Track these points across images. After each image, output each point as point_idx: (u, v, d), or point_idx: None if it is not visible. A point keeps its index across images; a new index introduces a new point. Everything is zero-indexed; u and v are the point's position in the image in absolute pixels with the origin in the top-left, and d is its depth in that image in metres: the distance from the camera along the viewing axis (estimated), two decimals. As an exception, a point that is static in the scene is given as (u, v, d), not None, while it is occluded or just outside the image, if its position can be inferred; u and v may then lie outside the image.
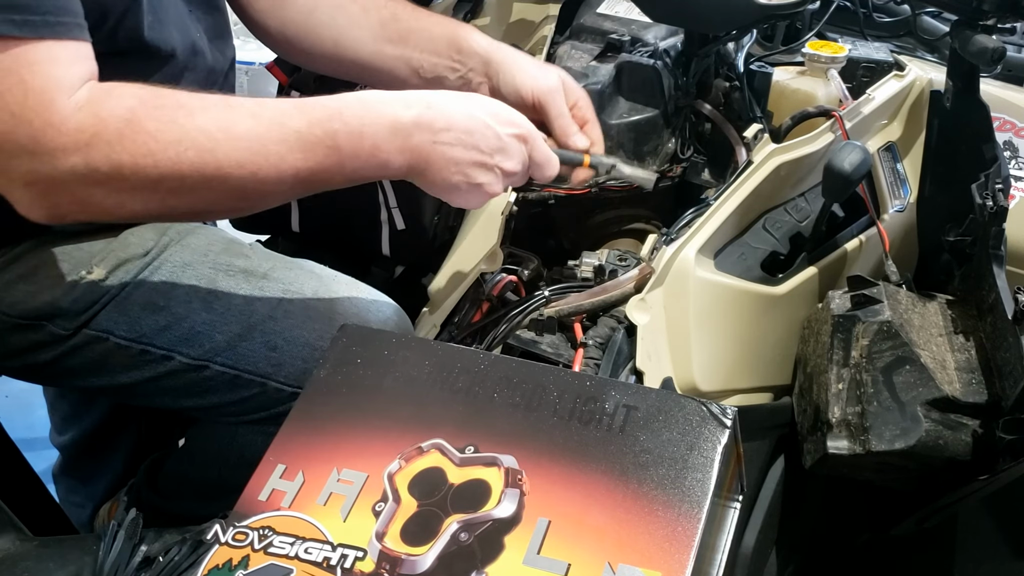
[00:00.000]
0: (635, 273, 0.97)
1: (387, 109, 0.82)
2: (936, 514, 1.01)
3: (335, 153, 0.80)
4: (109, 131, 0.75)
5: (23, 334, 0.95)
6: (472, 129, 0.83)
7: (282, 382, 0.98)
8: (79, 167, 0.74)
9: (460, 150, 0.83)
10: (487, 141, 0.84)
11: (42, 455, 1.42)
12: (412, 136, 0.82)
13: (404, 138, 0.82)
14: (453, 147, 0.83)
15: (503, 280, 1.02)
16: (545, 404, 0.71)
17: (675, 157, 1.21)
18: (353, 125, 0.80)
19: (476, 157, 0.84)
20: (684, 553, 0.62)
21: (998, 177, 1.00)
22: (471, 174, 0.84)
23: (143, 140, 0.76)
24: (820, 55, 1.23)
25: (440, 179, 0.84)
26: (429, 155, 0.83)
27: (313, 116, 0.80)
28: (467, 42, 1.04)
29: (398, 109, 0.82)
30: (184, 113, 0.78)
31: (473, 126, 0.83)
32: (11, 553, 0.76)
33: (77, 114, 0.75)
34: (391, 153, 0.81)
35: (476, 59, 1.04)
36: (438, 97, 0.84)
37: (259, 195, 0.81)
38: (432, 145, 0.82)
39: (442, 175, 0.84)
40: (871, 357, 0.94)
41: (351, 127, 0.80)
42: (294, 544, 0.65)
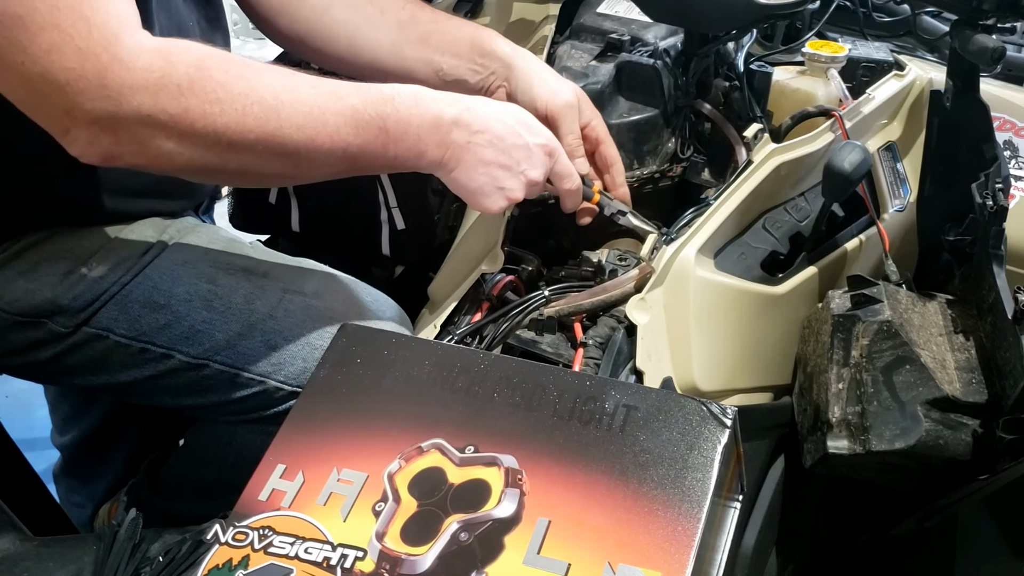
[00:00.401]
0: (635, 273, 0.97)
1: (433, 104, 0.87)
2: (936, 514, 1.01)
3: (383, 135, 0.84)
4: (179, 74, 0.76)
5: (23, 332, 0.95)
6: (505, 135, 0.89)
7: (282, 381, 0.98)
8: (146, 107, 0.75)
9: (491, 152, 0.88)
10: (517, 149, 0.89)
11: (42, 455, 1.42)
12: (451, 133, 0.87)
13: (444, 134, 0.87)
14: (485, 149, 0.88)
15: (503, 280, 1.02)
16: (545, 404, 0.71)
17: (675, 157, 1.21)
18: (403, 112, 0.85)
19: (504, 161, 0.89)
20: (684, 553, 0.62)
21: (998, 177, 1.00)
22: (497, 176, 0.89)
23: (212, 88, 0.77)
24: (820, 55, 1.23)
25: (468, 177, 0.89)
26: (463, 153, 0.88)
27: (368, 97, 0.84)
28: (490, 45, 1.05)
29: (442, 106, 0.87)
30: (251, 71, 0.80)
31: (506, 133, 0.89)
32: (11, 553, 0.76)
33: (144, 54, 0.75)
34: (430, 146, 0.86)
35: (498, 63, 1.04)
36: (477, 102, 0.90)
37: (309, 163, 0.83)
38: (467, 144, 0.87)
39: (470, 174, 0.89)
40: (871, 357, 0.94)
41: (400, 114, 0.84)
42: (294, 544, 0.65)
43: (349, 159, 0.84)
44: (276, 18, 1.09)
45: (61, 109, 0.75)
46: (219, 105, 0.77)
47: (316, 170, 0.85)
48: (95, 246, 0.97)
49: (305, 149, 0.81)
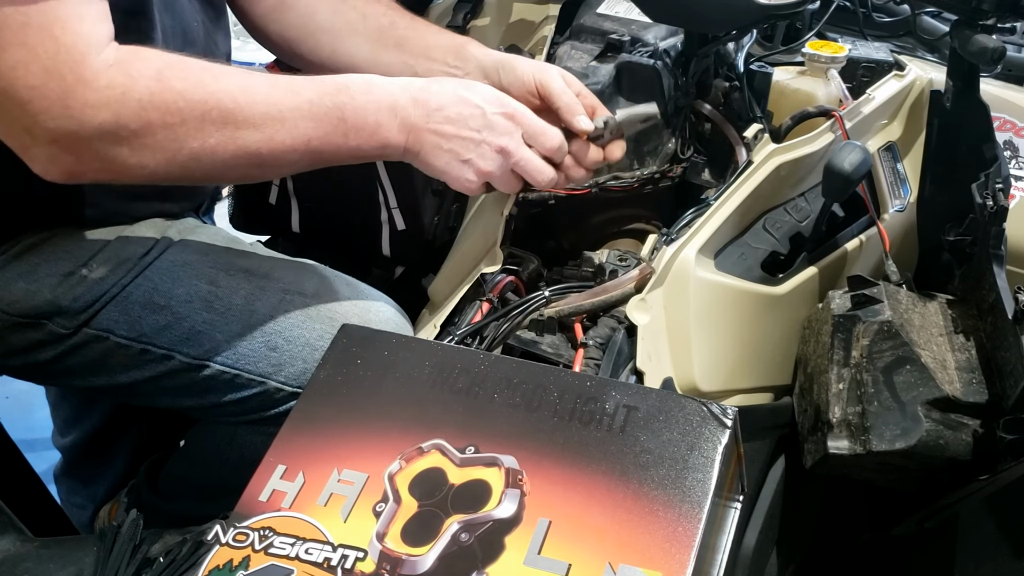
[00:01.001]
0: (635, 273, 0.97)
1: (387, 89, 0.87)
2: (937, 514, 1.01)
3: (342, 125, 0.84)
4: (139, 89, 0.77)
5: (23, 333, 0.95)
6: (461, 109, 0.89)
7: (282, 382, 0.98)
8: (108, 124, 0.75)
9: (451, 128, 0.88)
10: (475, 118, 0.89)
11: (43, 456, 1.42)
12: (409, 116, 0.87)
13: (403, 117, 0.87)
14: (444, 125, 0.88)
15: (503, 280, 1.02)
16: (545, 404, 0.71)
17: (675, 157, 1.20)
18: (359, 101, 0.85)
19: (464, 134, 0.89)
20: (685, 553, 0.62)
21: (998, 177, 1.00)
22: (460, 151, 0.89)
23: (172, 99, 0.78)
24: (820, 55, 1.23)
25: (434, 156, 0.90)
26: (423, 135, 0.88)
27: (323, 88, 0.85)
28: (466, 49, 1.06)
29: (396, 89, 0.88)
30: (209, 76, 0.81)
31: (462, 107, 0.89)
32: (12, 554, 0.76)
33: (108, 71, 0.76)
34: (391, 131, 0.87)
35: (473, 64, 1.05)
36: (431, 82, 0.90)
37: (273, 161, 0.84)
38: (426, 125, 0.88)
39: (436, 152, 0.89)
40: (871, 357, 0.94)
41: (357, 102, 0.85)
42: (295, 545, 0.65)
43: (312, 153, 0.85)
44: (266, 24, 1.10)
45: (21, 127, 0.76)
46: (179, 115, 0.78)
47: (279, 167, 0.87)
48: (95, 247, 0.97)
49: (266, 148, 0.82)
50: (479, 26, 1.42)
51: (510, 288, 1.02)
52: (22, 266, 0.95)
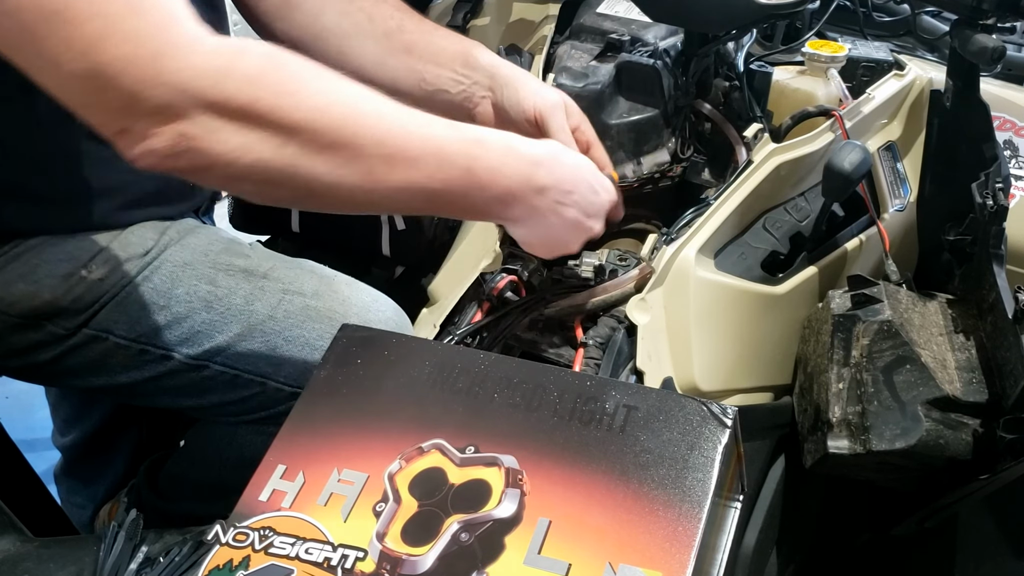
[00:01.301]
0: (635, 273, 0.97)
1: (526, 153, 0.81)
2: (937, 514, 1.01)
3: (467, 177, 0.77)
4: (248, 63, 0.68)
5: (23, 334, 0.95)
6: (586, 193, 0.86)
7: (282, 382, 0.98)
8: (210, 94, 0.67)
9: (574, 212, 0.85)
10: (593, 206, 0.87)
11: (43, 456, 1.42)
12: (543, 192, 0.82)
13: (535, 192, 0.82)
14: (570, 209, 0.84)
15: (503, 280, 1.02)
16: (545, 404, 0.71)
17: (675, 157, 1.21)
18: (493, 158, 0.79)
19: (582, 220, 0.86)
20: (685, 553, 0.62)
21: (998, 176, 1.00)
22: (570, 237, 0.87)
23: (287, 78, 0.70)
24: (820, 54, 1.23)
25: (542, 234, 0.86)
26: (547, 213, 0.83)
27: (461, 133, 0.77)
28: (473, 56, 1.03)
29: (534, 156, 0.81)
30: (329, 72, 0.73)
31: (586, 191, 0.86)
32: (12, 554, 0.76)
33: (207, 40, 0.68)
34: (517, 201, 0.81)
35: (481, 73, 1.03)
36: (561, 152, 0.85)
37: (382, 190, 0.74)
38: (554, 204, 0.83)
39: (549, 232, 0.85)
40: (871, 356, 0.94)
41: (491, 159, 0.78)
42: (295, 544, 0.65)
43: (424, 195, 0.76)
44: (272, 23, 1.08)
45: (117, 104, 0.67)
46: (293, 98, 0.69)
47: (388, 198, 0.76)
48: (95, 248, 0.97)
49: (381, 170, 0.73)
50: (479, 26, 1.42)
51: (510, 288, 1.02)
52: (22, 267, 0.95)
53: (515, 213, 0.82)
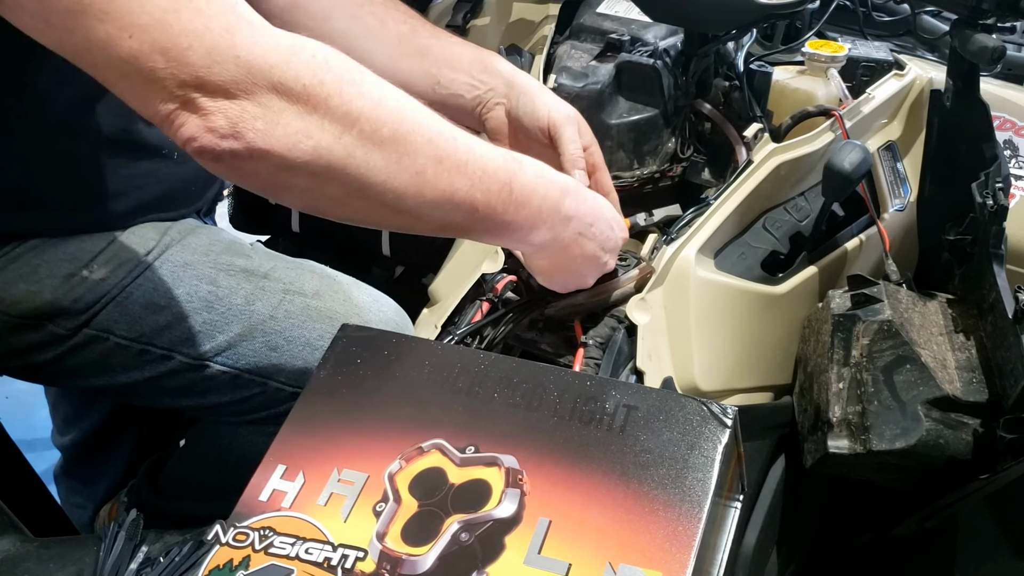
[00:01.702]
0: (635, 273, 0.97)
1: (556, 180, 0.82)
2: (937, 514, 1.01)
3: (506, 192, 0.77)
4: (313, 49, 0.68)
5: (23, 334, 0.95)
6: (605, 228, 0.87)
7: (283, 382, 0.98)
8: (278, 72, 0.65)
9: (593, 246, 0.86)
10: (610, 242, 0.88)
11: (43, 456, 1.42)
12: (569, 221, 0.83)
13: (562, 217, 0.82)
14: (590, 242, 0.85)
15: (503, 280, 1.02)
16: (545, 404, 0.71)
17: (675, 157, 1.20)
18: (529, 177, 0.79)
19: (600, 255, 0.87)
20: (685, 553, 0.62)
21: (998, 176, 1.00)
22: (587, 271, 0.89)
23: (349, 69, 0.70)
24: (820, 54, 1.23)
25: (560, 266, 0.87)
26: (569, 244, 0.84)
27: (499, 149, 0.78)
28: (491, 63, 1.03)
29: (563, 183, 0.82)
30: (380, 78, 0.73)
31: (605, 226, 0.87)
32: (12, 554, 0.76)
33: (271, 27, 0.68)
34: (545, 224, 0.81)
35: (498, 79, 1.02)
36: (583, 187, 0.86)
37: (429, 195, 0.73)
38: (577, 235, 0.84)
39: (567, 265, 0.87)
40: (871, 356, 0.94)
41: (527, 177, 0.79)
42: (295, 544, 0.65)
43: (465, 206, 0.75)
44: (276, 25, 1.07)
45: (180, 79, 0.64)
46: (355, 87, 0.69)
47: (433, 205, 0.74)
48: (96, 248, 0.97)
49: (431, 172, 0.72)
50: (479, 26, 1.42)
51: (510, 288, 1.02)
52: (23, 267, 0.95)
53: (541, 238, 0.82)
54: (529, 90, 1.00)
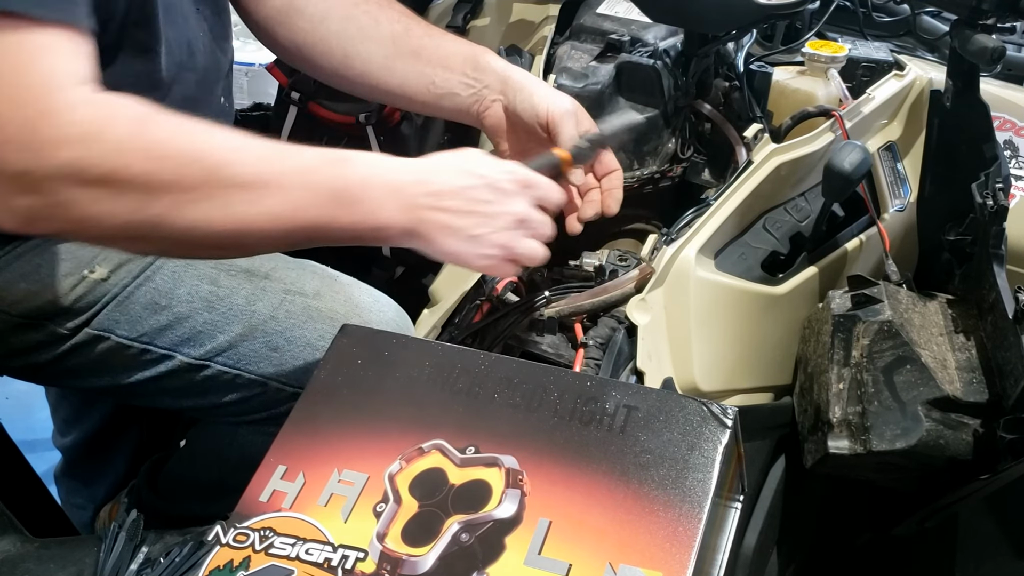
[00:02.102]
0: (635, 273, 0.97)
1: (391, 165, 0.80)
2: (937, 514, 1.01)
3: (338, 198, 0.77)
4: (119, 127, 0.71)
5: (24, 333, 0.95)
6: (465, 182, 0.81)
7: (283, 382, 0.98)
8: (73, 162, 0.68)
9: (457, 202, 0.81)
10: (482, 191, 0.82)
11: (43, 457, 1.42)
12: (413, 195, 0.79)
13: (406, 197, 0.79)
14: (448, 201, 0.80)
15: (503, 280, 1.02)
16: (546, 404, 0.71)
17: (675, 157, 1.21)
18: (360, 173, 0.78)
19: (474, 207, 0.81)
20: (685, 553, 0.62)
21: (998, 176, 1.00)
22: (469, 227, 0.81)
23: (155, 141, 0.72)
24: (820, 55, 1.23)
25: (442, 238, 0.81)
26: (427, 214, 0.80)
27: (322, 156, 0.78)
28: (484, 60, 1.03)
29: (399, 167, 0.80)
30: (199, 128, 0.74)
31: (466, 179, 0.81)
32: (12, 555, 0.76)
33: (82, 107, 0.70)
34: (392, 211, 0.79)
35: (493, 77, 1.02)
36: (431, 158, 0.83)
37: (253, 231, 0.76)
38: (430, 203, 0.80)
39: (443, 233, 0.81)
40: (872, 357, 0.94)
41: (358, 174, 0.78)
42: (295, 545, 0.65)
43: (299, 228, 0.77)
44: (274, 28, 1.07)
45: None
46: (160, 162, 0.71)
47: (259, 242, 0.78)
48: (97, 248, 0.97)
49: (252, 213, 0.74)
50: (479, 26, 1.42)
51: (510, 288, 1.02)
52: (24, 267, 0.95)
53: (395, 226, 0.79)
54: (525, 86, 1.00)
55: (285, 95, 1.32)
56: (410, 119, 1.24)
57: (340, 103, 1.29)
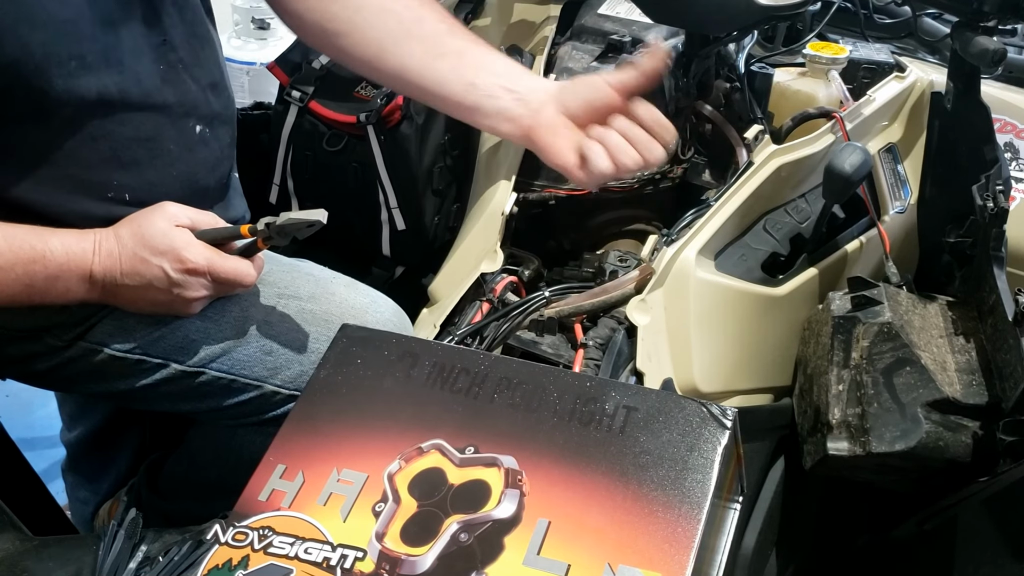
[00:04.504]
0: (635, 274, 0.97)
1: (83, 259, 0.87)
2: (936, 516, 1.01)
3: (28, 289, 0.86)
4: None
5: (20, 345, 0.95)
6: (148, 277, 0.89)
7: (279, 385, 0.98)
8: None
9: (141, 291, 0.89)
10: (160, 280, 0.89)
11: (42, 455, 1.42)
12: (99, 286, 0.88)
13: (92, 285, 0.88)
14: (135, 289, 0.89)
15: (503, 280, 1.02)
16: (545, 405, 0.71)
17: (676, 158, 1.21)
18: (51, 271, 0.86)
19: (152, 296, 0.90)
20: (684, 554, 0.62)
21: (999, 179, 1.00)
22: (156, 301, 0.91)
23: None
24: (821, 56, 1.23)
25: (134, 308, 0.92)
26: (116, 294, 0.90)
27: (17, 255, 0.85)
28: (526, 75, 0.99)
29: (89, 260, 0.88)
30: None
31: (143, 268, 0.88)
32: (11, 553, 0.76)
33: None
34: (82, 293, 0.89)
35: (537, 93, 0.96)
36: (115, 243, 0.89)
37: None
38: (116, 288, 0.89)
39: (135, 306, 0.92)
40: (871, 358, 0.94)
41: (48, 272, 0.86)
42: (294, 544, 0.65)
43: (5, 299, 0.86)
44: (303, 12, 1.02)
45: None
46: None
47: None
48: None
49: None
50: (480, 26, 1.42)
51: (510, 288, 1.02)
52: None
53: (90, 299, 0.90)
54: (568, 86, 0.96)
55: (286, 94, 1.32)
56: (410, 119, 1.24)
57: (341, 103, 1.29)
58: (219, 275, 0.89)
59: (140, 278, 0.88)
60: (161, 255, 0.88)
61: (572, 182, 0.99)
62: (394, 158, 1.25)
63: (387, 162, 1.26)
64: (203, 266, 0.89)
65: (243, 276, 0.91)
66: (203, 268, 0.89)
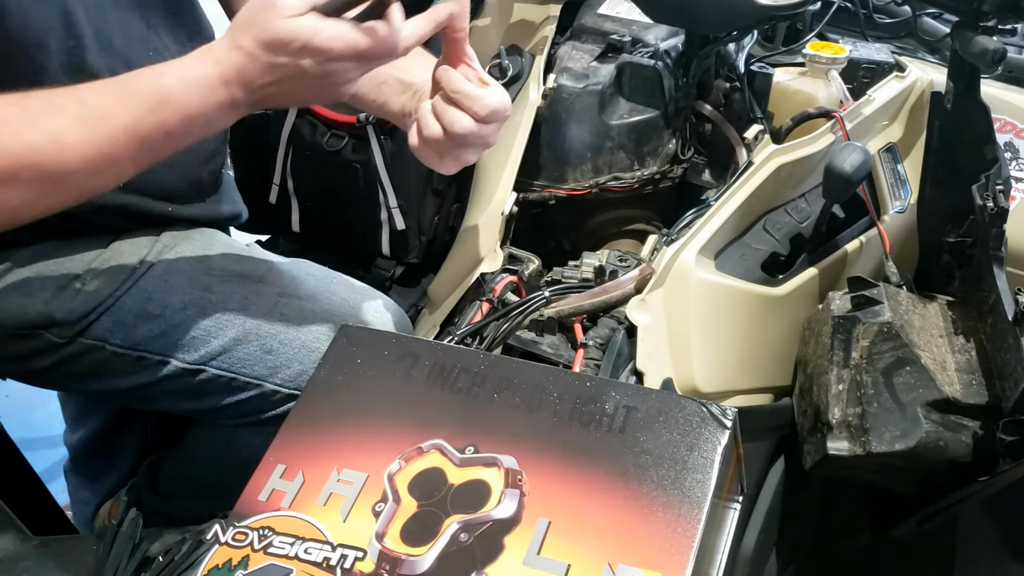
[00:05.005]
0: (635, 274, 0.97)
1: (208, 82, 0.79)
2: (936, 516, 1.01)
3: (168, 137, 0.79)
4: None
5: (20, 342, 0.95)
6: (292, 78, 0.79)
7: (279, 384, 0.98)
8: None
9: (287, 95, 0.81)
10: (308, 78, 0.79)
11: (42, 455, 1.42)
12: (242, 106, 0.80)
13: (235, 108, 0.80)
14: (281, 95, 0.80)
15: (503, 280, 1.02)
16: (545, 405, 0.71)
17: (676, 158, 1.21)
18: (183, 108, 0.78)
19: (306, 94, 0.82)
20: (684, 554, 0.62)
21: (999, 178, 1.00)
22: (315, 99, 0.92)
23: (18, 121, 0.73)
24: (821, 56, 1.23)
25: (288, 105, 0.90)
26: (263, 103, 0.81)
27: (138, 108, 0.77)
28: None
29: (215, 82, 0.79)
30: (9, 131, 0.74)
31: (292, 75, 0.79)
32: (11, 553, 0.76)
33: None
34: (225, 118, 0.81)
35: None
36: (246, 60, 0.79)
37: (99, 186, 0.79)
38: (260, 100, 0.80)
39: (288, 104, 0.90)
40: (871, 358, 0.94)
41: (179, 111, 0.78)
42: (294, 544, 0.65)
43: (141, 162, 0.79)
44: None
45: None
46: None
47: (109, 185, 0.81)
48: (89, 260, 0.97)
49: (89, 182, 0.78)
50: (480, 26, 1.42)
51: (510, 288, 1.02)
52: (15, 279, 0.95)
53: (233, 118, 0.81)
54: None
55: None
56: (411, 119, 1.25)
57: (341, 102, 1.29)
58: (363, 53, 0.80)
59: (283, 83, 0.79)
60: (297, 53, 0.78)
61: None
62: (394, 158, 1.25)
63: (387, 162, 1.26)
64: (345, 50, 0.79)
65: (387, 46, 0.80)
66: (346, 52, 0.79)
